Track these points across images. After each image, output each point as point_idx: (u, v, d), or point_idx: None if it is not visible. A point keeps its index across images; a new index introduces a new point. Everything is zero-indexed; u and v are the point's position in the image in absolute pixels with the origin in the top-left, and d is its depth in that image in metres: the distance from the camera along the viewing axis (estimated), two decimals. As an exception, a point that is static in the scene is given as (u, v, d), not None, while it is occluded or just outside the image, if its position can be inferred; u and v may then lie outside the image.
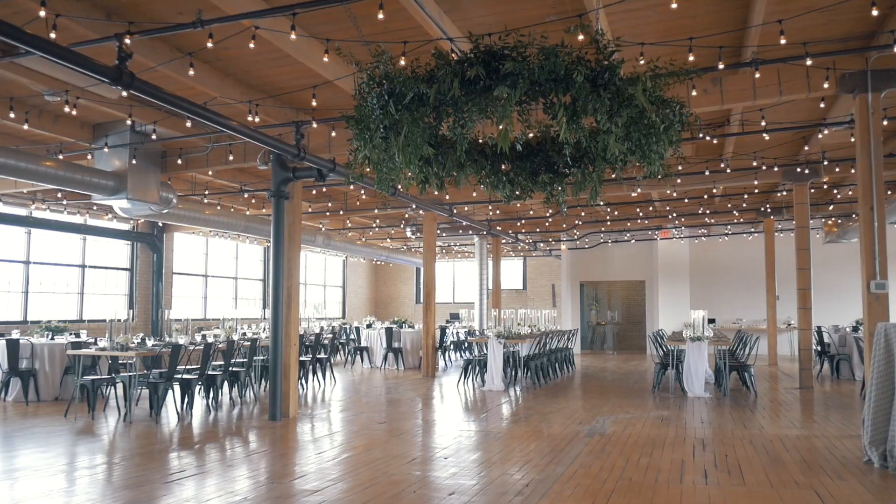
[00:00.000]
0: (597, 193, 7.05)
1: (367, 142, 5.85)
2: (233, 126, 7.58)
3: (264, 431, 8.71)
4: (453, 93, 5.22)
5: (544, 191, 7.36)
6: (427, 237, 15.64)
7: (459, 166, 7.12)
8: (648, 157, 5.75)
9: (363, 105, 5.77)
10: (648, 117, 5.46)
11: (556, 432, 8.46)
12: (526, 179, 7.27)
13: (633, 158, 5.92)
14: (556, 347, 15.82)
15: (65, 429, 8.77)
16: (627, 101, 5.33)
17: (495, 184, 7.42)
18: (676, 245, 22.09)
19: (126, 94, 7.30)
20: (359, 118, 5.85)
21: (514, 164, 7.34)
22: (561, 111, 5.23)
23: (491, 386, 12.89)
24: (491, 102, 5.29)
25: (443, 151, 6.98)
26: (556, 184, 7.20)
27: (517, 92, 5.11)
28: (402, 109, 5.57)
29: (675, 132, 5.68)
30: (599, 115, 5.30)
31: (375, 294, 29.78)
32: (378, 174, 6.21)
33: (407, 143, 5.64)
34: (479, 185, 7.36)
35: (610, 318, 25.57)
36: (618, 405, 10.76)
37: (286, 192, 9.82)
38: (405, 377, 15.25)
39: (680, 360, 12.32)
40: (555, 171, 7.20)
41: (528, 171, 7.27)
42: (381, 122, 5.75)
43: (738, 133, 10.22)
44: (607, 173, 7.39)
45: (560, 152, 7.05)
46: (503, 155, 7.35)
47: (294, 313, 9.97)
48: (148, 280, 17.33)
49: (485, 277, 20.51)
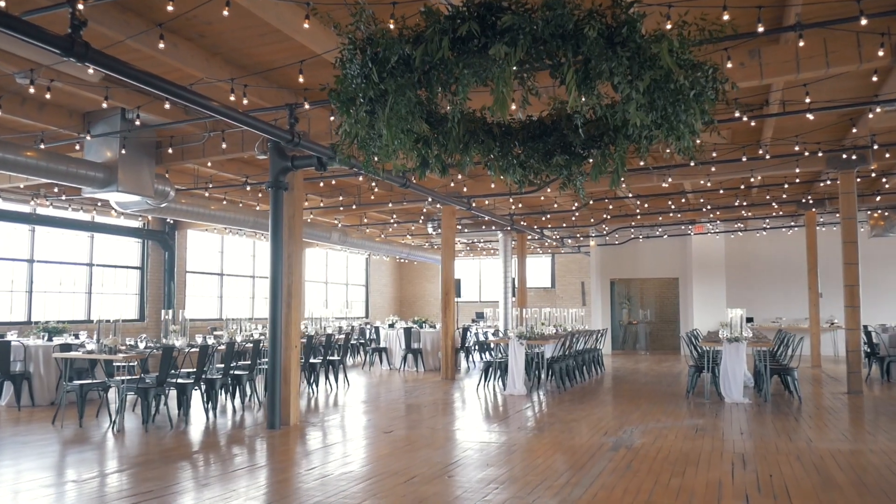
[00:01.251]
0: (619, 177, 6.21)
1: (350, 116, 5.10)
2: (213, 107, 6.89)
3: (259, 442, 8.02)
4: (442, 53, 4.43)
5: (560, 175, 6.55)
6: (445, 232, 14.86)
7: (464, 148, 6.37)
8: (677, 131, 4.90)
9: (345, 75, 5.02)
10: (676, 81, 4.62)
11: (577, 444, 7.63)
12: (539, 162, 6.45)
13: (658, 133, 5.08)
14: (583, 348, 14.94)
15: (48, 438, 8.17)
16: (650, 61, 4.49)
17: (504, 167, 6.61)
18: (711, 240, 21.01)
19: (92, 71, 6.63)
20: (340, 90, 5.10)
21: (526, 146, 6.53)
22: (570, 73, 4.41)
23: (512, 390, 12.08)
24: (486, 64, 4.49)
25: (442, 130, 6.21)
26: (573, 166, 6.38)
27: (517, 51, 4.31)
28: (385, 77, 4.80)
29: (707, 100, 4.82)
30: (617, 78, 4.47)
31: (400, 293, 29.09)
32: (367, 155, 5.45)
33: (392, 115, 4.87)
34: (486, 168, 6.56)
35: (642, 317, 24.57)
36: (648, 412, 9.88)
37: (285, 182, 9.13)
38: (423, 380, 14.50)
39: (716, 363, 11.39)
40: (571, 153, 6.37)
41: (540, 152, 6.45)
42: (365, 94, 4.98)
43: (778, 114, 9.26)
44: (631, 156, 6.59)
45: (576, 131, 6.25)
46: (513, 135, 6.57)
47: (295, 313, 9.27)
48: (160, 279, 16.81)
49: (509, 275, 19.68)
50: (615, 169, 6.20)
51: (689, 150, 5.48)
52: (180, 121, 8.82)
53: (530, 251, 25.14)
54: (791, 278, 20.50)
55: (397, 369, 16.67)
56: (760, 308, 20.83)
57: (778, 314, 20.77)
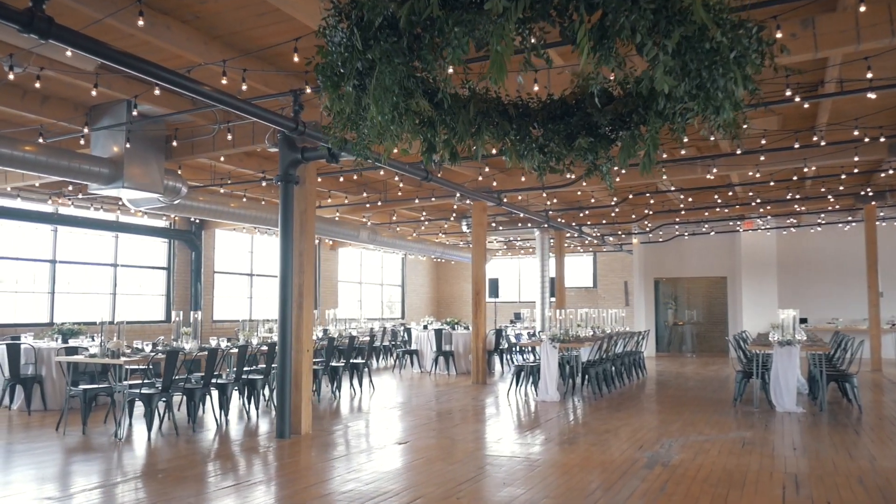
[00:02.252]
0: (651, 161, 5.44)
1: (333, 92, 4.47)
2: (205, 91, 6.34)
3: (265, 453, 7.46)
4: (431, 10, 3.77)
5: (584, 160, 5.82)
6: (476, 229, 14.18)
7: (476, 131, 5.70)
8: (714, 100, 4.15)
9: (329, 45, 4.40)
10: (711, 40, 3.88)
11: (608, 460, 6.89)
12: (560, 146, 5.74)
13: (693, 105, 4.34)
14: (623, 351, 14.11)
15: (47, 445, 7.74)
16: (680, 15, 3.77)
17: (522, 152, 5.92)
18: (762, 237, 19.90)
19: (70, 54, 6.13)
20: (325, 63, 4.49)
21: (546, 128, 5.83)
22: (582, 31, 3.70)
23: (544, 396, 11.34)
24: (480, 21, 3.81)
25: (449, 110, 5.55)
26: (599, 150, 5.64)
27: (518, 5, 3.64)
28: (371, 43, 4.17)
29: (751, 64, 4.06)
30: (640, 36, 3.76)
31: (437, 293, 28.48)
32: (360, 137, 4.82)
33: (378, 87, 4.23)
34: (501, 155, 5.88)
35: (688, 318, 23.51)
36: (690, 422, 9.05)
37: (295, 175, 8.57)
38: (453, 384, 13.84)
39: (766, 368, 10.48)
40: (596, 134, 5.65)
41: (562, 135, 5.73)
42: (351, 66, 4.35)
43: (834, 94, 8.35)
44: (665, 138, 5.84)
45: (602, 110, 5.53)
46: (531, 116, 5.87)
47: (307, 314, 8.70)
48: (187, 280, 16.49)
49: (546, 274, 18.90)
50: (646, 152, 5.47)
51: (731, 125, 4.72)
52: (181, 111, 8.33)
53: (570, 250, 24.30)
54: (849, 276, 19.26)
55: (428, 372, 16.05)
56: (815, 308, 19.63)
57: (834, 315, 19.55)
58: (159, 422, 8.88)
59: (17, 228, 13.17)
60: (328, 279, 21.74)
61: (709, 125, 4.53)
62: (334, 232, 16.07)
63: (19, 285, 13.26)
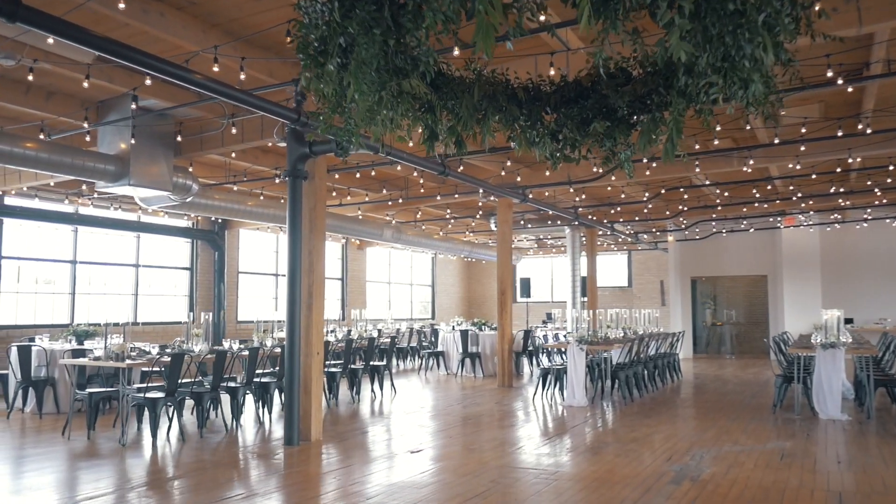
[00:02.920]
0: (674, 147, 4.94)
1: (315, 68, 4.06)
2: (197, 80, 5.98)
3: (267, 462, 7.09)
4: (410, -28, 3.34)
5: (601, 146, 5.32)
6: (501, 226, 13.68)
7: (483, 117, 5.24)
8: (740, 70, 3.64)
9: (305, 18, 3.99)
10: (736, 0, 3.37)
11: (632, 474, 6.36)
12: (574, 131, 5.25)
13: (717, 79, 3.83)
14: (656, 353, 13.50)
15: (51, 450, 7.48)
16: (697, -29, 3.27)
17: (532, 139, 5.45)
18: (804, 233, 19.04)
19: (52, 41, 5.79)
20: (304, 40, 4.07)
21: (559, 112, 5.35)
22: (582, -11, 3.22)
23: (571, 401, 10.82)
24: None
25: (451, 93, 5.10)
26: (617, 135, 5.14)
27: (508, -39, 3.19)
28: (349, 14, 3.74)
29: (783, 28, 3.53)
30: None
31: (468, 293, 28.00)
32: (346, 120, 4.39)
33: (356, 62, 3.80)
34: (509, 141, 5.40)
35: (727, 318, 22.69)
36: (725, 430, 8.46)
37: (303, 170, 8.20)
38: (479, 387, 13.37)
39: (808, 372, 9.82)
40: (613, 118, 5.15)
41: (576, 119, 5.24)
42: (333, 41, 3.93)
43: (881, 75, 7.68)
44: (690, 121, 5.33)
45: (619, 91, 5.03)
46: (543, 100, 5.39)
47: (317, 315, 8.32)
48: (210, 280, 16.28)
49: (577, 273, 18.31)
50: (669, 137, 4.95)
51: (763, 102, 4.20)
52: (183, 104, 8.00)
53: (603, 248, 23.64)
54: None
55: (454, 375, 15.59)
56: (861, 308, 18.70)
57: (882, 315, 18.60)
58: (167, 427, 8.58)
59: (36, 229, 13.05)
60: (356, 279, 21.43)
61: (737, 100, 4.01)
62: (357, 231, 15.70)
63: (39, 286, 13.14)
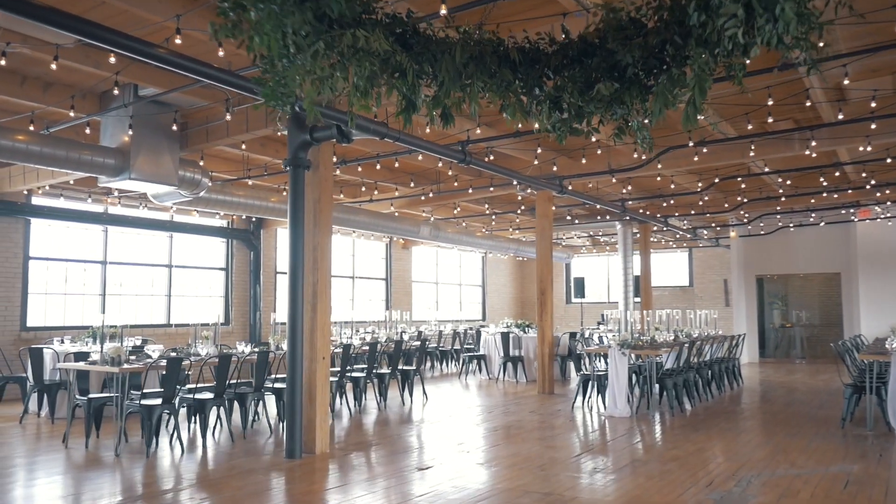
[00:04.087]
0: (697, 110, 4.06)
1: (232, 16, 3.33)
2: (161, 55, 5.34)
3: (262, 476, 6.43)
4: None
5: (611, 114, 4.44)
6: (540, 220, 12.78)
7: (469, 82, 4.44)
8: (771, 10, 2.75)
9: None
10: None
11: (664, 503, 5.44)
12: (576, 97, 4.40)
13: (736, 8, 2.94)
14: (713, 358, 12.37)
15: (47, 459, 7.02)
16: None
17: (529, 108, 4.62)
18: (881, 227, 17.42)
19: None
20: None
21: (560, 76, 4.49)
22: None
23: (613, 411, 9.87)
24: None
25: (428, 54, 4.31)
26: (627, 99, 4.26)
27: None
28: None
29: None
30: None
31: (520, 293, 27.05)
32: (274, 80, 3.64)
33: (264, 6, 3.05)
34: (501, 112, 4.58)
35: (797, 320, 21.14)
36: (782, 448, 7.41)
37: (305, 159, 7.53)
38: (518, 393, 12.51)
39: (883, 381, 8.63)
40: (623, 79, 4.27)
41: (579, 82, 4.39)
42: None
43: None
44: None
45: (628, 43, 4.15)
46: (542, 62, 4.54)
47: (322, 316, 7.65)
48: (245, 281, 15.86)
49: (630, 272, 17.22)
50: (691, 98, 4.06)
51: (802, 38, 3.29)
52: (175, 88, 7.41)
53: (660, 245, 22.38)
54: None
55: (495, 379, 14.76)
56: (948, 309, 17.03)
57: (972, 316, 16.90)
58: (170, 435, 8.05)
59: (65, 229, 12.81)
60: (401, 279, 20.79)
61: (765, 39, 3.11)
62: (392, 228, 15.01)
63: (69, 287, 12.90)
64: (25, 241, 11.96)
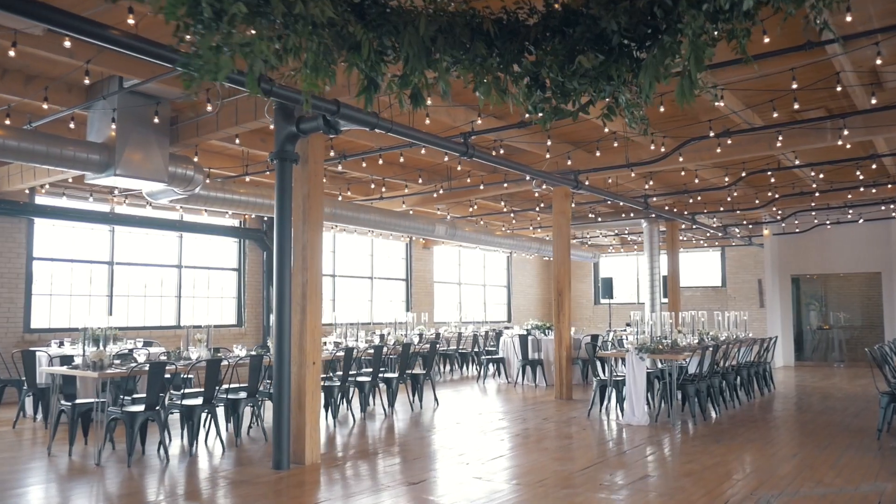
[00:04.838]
0: (693, 84, 3.53)
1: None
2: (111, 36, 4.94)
3: (242, 491, 6.01)
4: None
5: (599, 91, 3.91)
6: (556, 217, 12.22)
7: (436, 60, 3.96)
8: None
9: None
10: None
11: (668, 526, 4.89)
12: (556, 71, 3.88)
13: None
14: (741, 362, 11.68)
15: (25, 469, 6.70)
16: None
17: (505, 87, 4.11)
18: (925, 223, 16.53)
19: None
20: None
21: (539, 49, 3.98)
22: None
23: (630, 419, 9.30)
24: None
25: (388, 25, 3.84)
26: (613, 72, 3.73)
27: None
28: None
29: None
30: None
31: (547, 294, 26.39)
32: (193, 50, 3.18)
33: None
34: (475, 92, 4.08)
35: (835, 321, 20.20)
36: (809, 463, 6.78)
37: (293, 152, 7.11)
38: (534, 398, 11.98)
39: (923, 389, 7.93)
40: (608, 50, 3.74)
41: (561, 55, 3.87)
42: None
43: None
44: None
45: (612, 7, 3.64)
46: (520, 34, 4.04)
47: (312, 319, 7.22)
48: (258, 281, 15.55)
49: (657, 272, 16.53)
50: (685, 69, 3.54)
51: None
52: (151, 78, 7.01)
53: (690, 244, 21.63)
54: None
55: (514, 383, 14.22)
56: None
57: None
58: (157, 444, 7.70)
59: (70, 229, 12.60)
60: (422, 280, 20.34)
61: None
62: (405, 227, 14.54)
63: (75, 288, 12.69)
64: (29, 242, 11.76)
